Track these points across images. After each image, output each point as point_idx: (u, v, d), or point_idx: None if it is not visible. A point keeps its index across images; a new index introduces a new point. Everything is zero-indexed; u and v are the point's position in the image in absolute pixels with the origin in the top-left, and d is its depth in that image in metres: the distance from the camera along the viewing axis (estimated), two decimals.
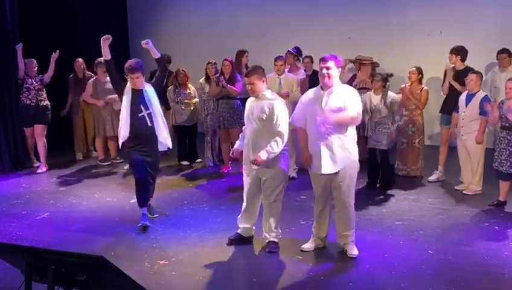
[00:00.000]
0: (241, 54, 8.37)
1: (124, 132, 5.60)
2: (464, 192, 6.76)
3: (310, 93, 4.92)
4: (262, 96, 4.96)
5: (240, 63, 8.22)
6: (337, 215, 4.99)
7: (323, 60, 4.75)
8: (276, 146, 4.85)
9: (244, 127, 5.25)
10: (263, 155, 4.82)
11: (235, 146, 5.34)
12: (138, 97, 5.58)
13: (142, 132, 5.59)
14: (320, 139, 4.73)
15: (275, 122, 4.86)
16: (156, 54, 5.78)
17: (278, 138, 4.85)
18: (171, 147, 5.99)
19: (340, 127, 4.71)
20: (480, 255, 4.95)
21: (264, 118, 4.88)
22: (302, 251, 5.04)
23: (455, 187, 6.96)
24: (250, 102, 5.10)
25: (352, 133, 4.81)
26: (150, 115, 5.60)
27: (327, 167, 4.75)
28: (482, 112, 6.45)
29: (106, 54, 5.71)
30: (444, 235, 5.48)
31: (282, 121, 4.89)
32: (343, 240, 5.01)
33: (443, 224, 5.79)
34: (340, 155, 4.71)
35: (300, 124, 4.93)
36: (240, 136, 5.32)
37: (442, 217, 6.01)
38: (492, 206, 6.23)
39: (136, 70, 5.50)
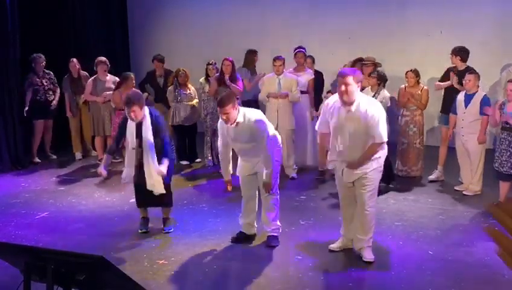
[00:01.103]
0: (253, 53, 8.36)
1: (127, 174, 5.41)
2: (463, 192, 6.75)
3: (331, 101, 4.77)
4: (239, 123, 4.93)
5: (253, 63, 8.20)
6: (357, 217, 4.88)
7: (341, 75, 4.53)
8: (272, 161, 4.92)
9: (221, 148, 5.25)
10: (269, 179, 4.92)
11: (227, 178, 5.27)
12: (136, 130, 5.31)
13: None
14: (341, 155, 4.72)
15: (261, 138, 4.91)
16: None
17: (268, 155, 4.90)
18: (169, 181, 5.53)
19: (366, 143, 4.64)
20: (480, 255, 4.94)
21: (253, 139, 4.94)
22: (330, 250, 5.00)
23: (455, 188, 6.94)
24: (226, 127, 5.02)
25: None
26: (142, 151, 5.33)
27: (349, 176, 4.74)
28: (483, 112, 6.44)
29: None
30: (443, 235, 5.48)
31: (268, 130, 4.97)
32: (360, 244, 4.88)
33: (443, 224, 5.78)
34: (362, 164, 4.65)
35: (324, 129, 4.84)
36: (226, 164, 5.27)
37: (442, 217, 6.01)
38: None
39: (130, 103, 5.12)
